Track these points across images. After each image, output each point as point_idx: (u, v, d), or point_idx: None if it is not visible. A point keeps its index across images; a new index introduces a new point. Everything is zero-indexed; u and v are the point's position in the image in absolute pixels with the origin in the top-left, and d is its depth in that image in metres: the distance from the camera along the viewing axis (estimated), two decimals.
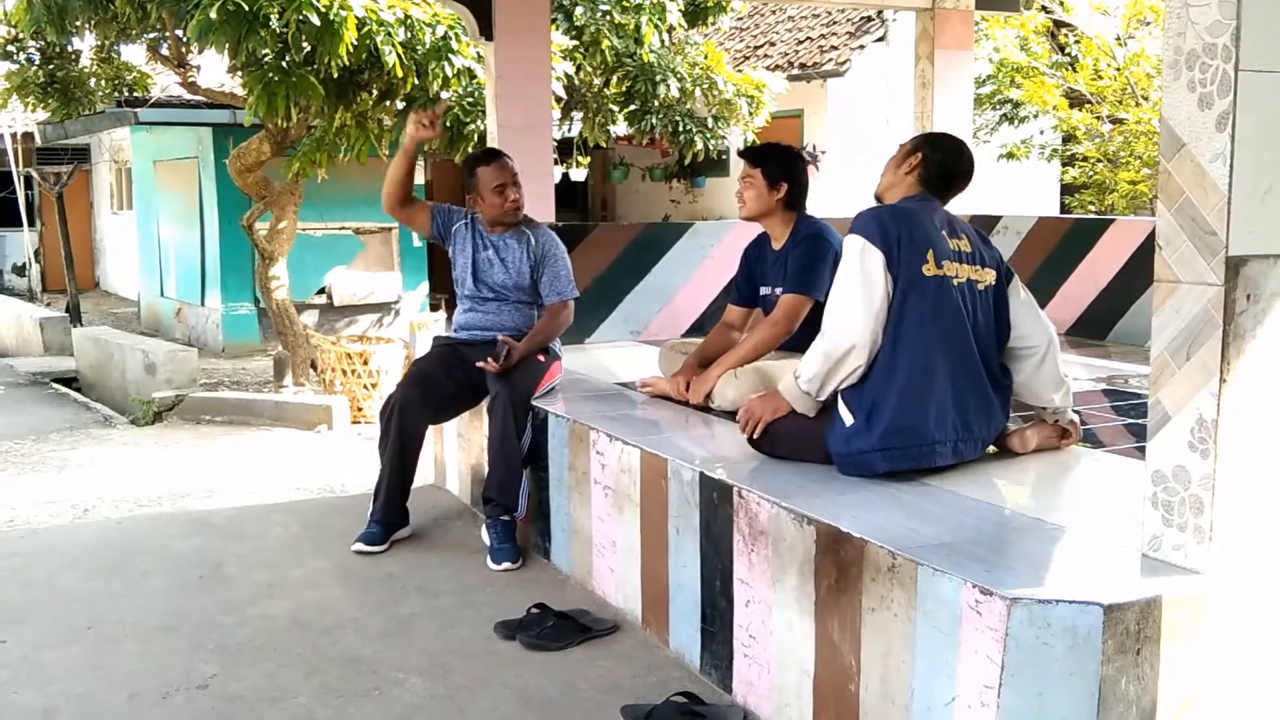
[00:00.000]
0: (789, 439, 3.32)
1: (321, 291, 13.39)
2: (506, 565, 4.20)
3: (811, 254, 4.06)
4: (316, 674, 3.36)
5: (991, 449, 3.36)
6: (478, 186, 4.56)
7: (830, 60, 13.48)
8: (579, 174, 13.05)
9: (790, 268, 4.09)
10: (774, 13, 15.65)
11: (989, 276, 3.28)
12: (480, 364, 4.34)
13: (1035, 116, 12.23)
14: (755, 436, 3.38)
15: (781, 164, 4.18)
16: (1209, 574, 2.34)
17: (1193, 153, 2.30)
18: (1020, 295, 3.37)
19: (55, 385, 10.90)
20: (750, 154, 4.27)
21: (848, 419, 3.12)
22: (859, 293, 3.10)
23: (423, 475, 4.91)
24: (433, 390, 4.50)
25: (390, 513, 4.47)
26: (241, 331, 13.31)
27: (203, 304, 13.89)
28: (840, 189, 12.74)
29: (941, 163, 3.34)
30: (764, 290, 4.29)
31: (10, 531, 5.41)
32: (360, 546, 4.39)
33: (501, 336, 4.42)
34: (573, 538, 4.09)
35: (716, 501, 3.18)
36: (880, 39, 13.40)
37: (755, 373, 3.95)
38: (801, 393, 3.22)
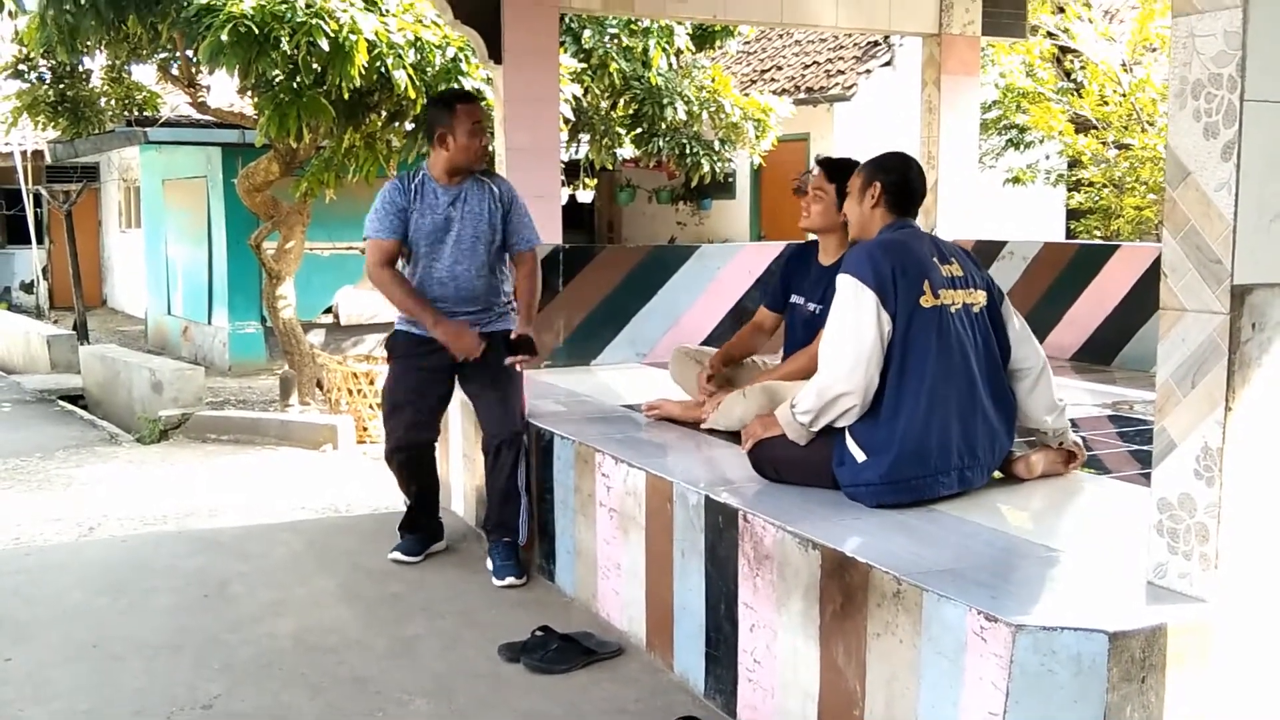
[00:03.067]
0: (794, 465, 3.33)
1: (328, 311, 13.42)
2: (510, 580, 4.21)
3: None
4: (321, 694, 3.36)
5: (998, 474, 3.37)
6: (453, 124, 4.18)
7: (837, 84, 13.52)
8: (586, 196, 13.09)
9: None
10: (781, 37, 15.72)
11: (981, 298, 3.29)
12: (510, 361, 4.23)
13: (1041, 141, 12.25)
14: (748, 452, 3.45)
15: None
16: (1214, 602, 2.34)
17: (1198, 181, 2.31)
18: (1014, 320, 3.39)
19: (62, 403, 10.92)
20: (830, 166, 4.11)
21: (858, 455, 3.12)
22: (849, 338, 3.10)
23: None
24: (425, 422, 4.46)
25: (419, 529, 4.60)
26: (248, 350, 13.34)
27: (210, 322, 13.93)
28: None
29: (899, 182, 3.36)
30: (795, 299, 4.23)
31: (16, 549, 5.42)
32: (396, 555, 4.55)
33: (516, 332, 4.29)
34: (577, 560, 4.09)
35: (722, 525, 3.19)
36: (887, 64, 13.45)
37: (764, 392, 3.94)
38: (795, 422, 3.23)
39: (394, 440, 4.44)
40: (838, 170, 4.09)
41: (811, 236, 4.32)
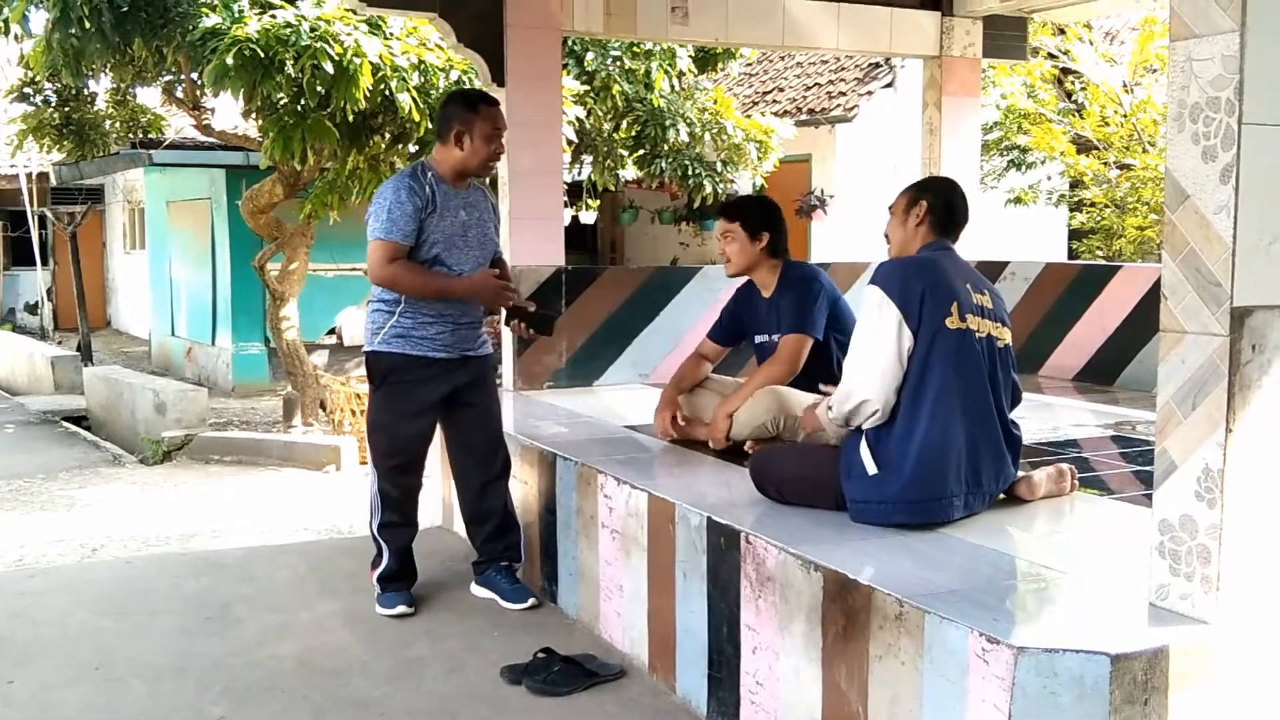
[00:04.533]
0: (796, 485, 3.34)
1: (332, 332, 13.44)
2: (532, 601, 4.21)
3: (804, 296, 4.21)
4: (323, 716, 3.35)
5: (1000, 495, 3.37)
6: (473, 124, 3.95)
7: (838, 106, 13.57)
8: (589, 217, 13.13)
9: (786, 311, 4.22)
10: (783, 59, 15.78)
11: (1007, 335, 3.31)
12: (530, 334, 4.12)
13: (1043, 162, 12.28)
14: (750, 473, 3.50)
15: (760, 215, 4.28)
16: (1216, 624, 2.34)
17: (1197, 204, 2.32)
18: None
19: (65, 424, 10.94)
20: (727, 210, 4.35)
21: (870, 467, 3.13)
22: (870, 349, 3.14)
23: (430, 517, 4.92)
24: (425, 457, 4.22)
25: (406, 576, 4.30)
26: (251, 371, 13.37)
27: (213, 343, 13.96)
28: (848, 233, 12.80)
29: (946, 205, 3.39)
30: (759, 339, 4.40)
31: (19, 571, 5.42)
32: (400, 610, 4.16)
33: (526, 304, 4.17)
34: (580, 581, 4.09)
35: (724, 547, 3.19)
36: (888, 85, 13.49)
37: (771, 394, 4.03)
38: (831, 421, 3.27)
39: (404, 481, 4.15)
40: (734, 209, 4.33)
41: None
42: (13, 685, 3.61)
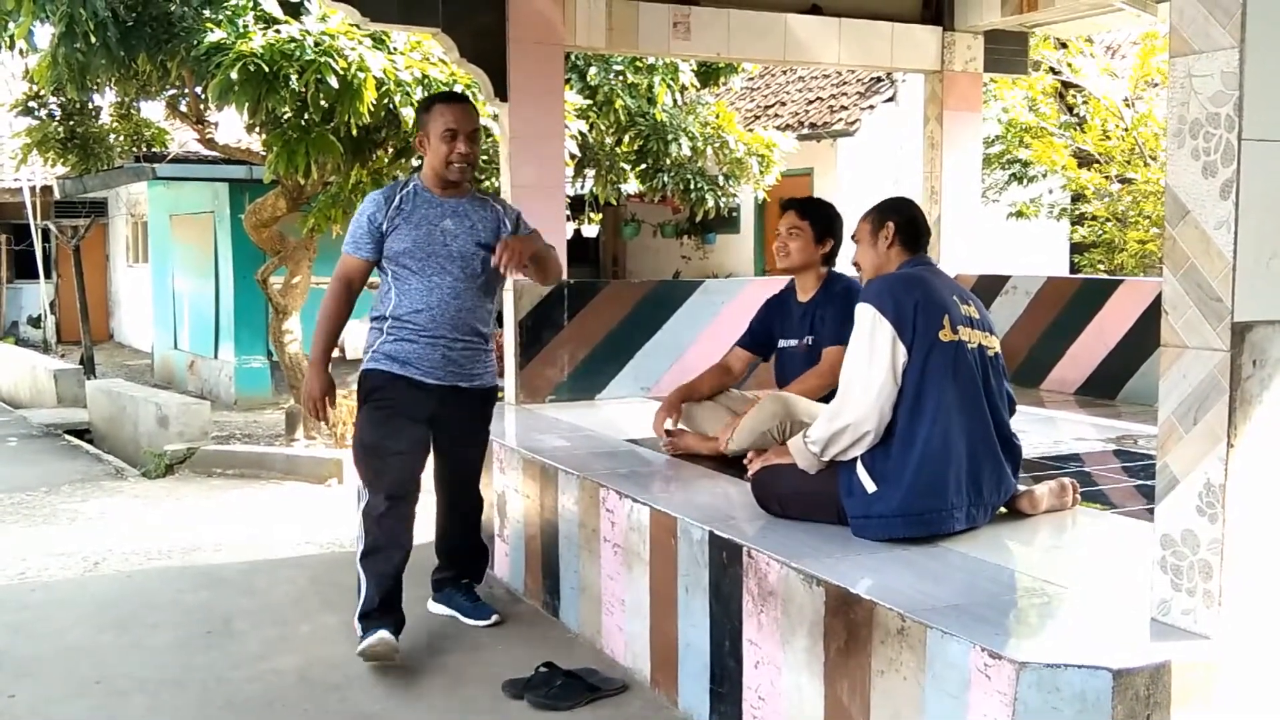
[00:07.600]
0: (798, 500, 3.34)
1: None
2: (495, 618, 4.21)
3: (848, 308, 4.11)
4: None
5: (1002, 510, 3.37)
6: (427, 126, 3.85)
7: (840, 120, 13.59)
8: (591, 230, 13.15)
9: (829, 323, 4.16)
10: (785, 73, 15.82)
11: (995, 344, 3.32)
12: (505, 266, 3.77)
13: (1044, 176, 12.29)
14: (752, 487, 3.48)
15: (830, 222, 4.27)
16: (1219, 639, 2.33)
17: (1197, 220, 2.33)
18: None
19: (68, 437, 10.94)
20: (801, 205, 4.30)
21: (868, 485, 3.12)
22: (861, 370, 3.14)
23: (427, 532, 4.90)
24: (416, 467, 3.95)
25: (397, 610, 3.89)
26: (254, 384, 13.37)
27: (216, 357, 13.97)
28: (849, 247, 12.79)
29: (911, 222, 3.43)
30: (783, 343, 4.33)
31: (21, 585, 5.42)
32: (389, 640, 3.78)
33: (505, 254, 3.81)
34: (581, 595, 4.09)
35: (726, 561, 3.19)
36: (890, 99, 13.52)
37: (777, 400, 3.98)
38: (807, 450, 3.24)
39: (386, 488, 3.83)
40: (808, 208, 4.28)
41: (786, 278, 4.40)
42: (14, 699, 3.61)
